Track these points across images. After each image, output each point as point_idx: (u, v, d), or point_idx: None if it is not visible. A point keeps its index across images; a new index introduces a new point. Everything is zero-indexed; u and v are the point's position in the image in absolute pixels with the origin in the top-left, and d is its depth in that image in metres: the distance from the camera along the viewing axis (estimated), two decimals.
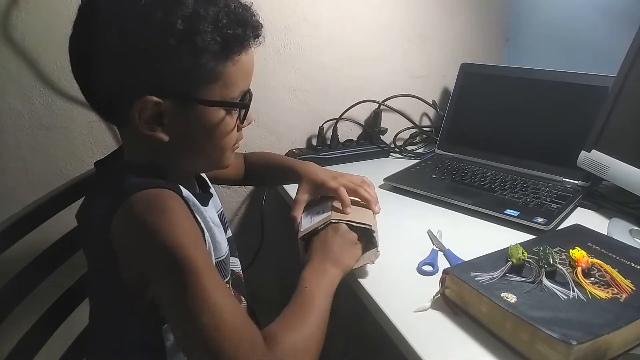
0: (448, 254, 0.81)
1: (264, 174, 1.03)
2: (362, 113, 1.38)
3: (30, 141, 1.06)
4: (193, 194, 0.67)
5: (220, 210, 0.83)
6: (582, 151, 0.99)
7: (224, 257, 0.71)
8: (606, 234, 0.87)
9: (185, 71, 0.58)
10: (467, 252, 0.79)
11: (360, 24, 1.31)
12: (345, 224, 0.77)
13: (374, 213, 0.84)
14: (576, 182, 1.06)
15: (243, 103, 0.65)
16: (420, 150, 1.39)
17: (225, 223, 0.84)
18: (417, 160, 1.27)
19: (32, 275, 0.74)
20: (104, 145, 1.13)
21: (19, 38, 0.99)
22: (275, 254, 1.38)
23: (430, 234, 0.89)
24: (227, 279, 0.72)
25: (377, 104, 1.36)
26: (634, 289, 0.63)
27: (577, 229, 0.83)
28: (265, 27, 0.64)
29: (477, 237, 0.89)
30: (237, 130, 0.68)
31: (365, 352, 1.20)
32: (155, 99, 0.58)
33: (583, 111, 1.07)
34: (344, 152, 1.28)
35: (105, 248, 0.58)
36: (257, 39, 0.64)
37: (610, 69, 0.99)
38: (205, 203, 0.71)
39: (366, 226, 0.77)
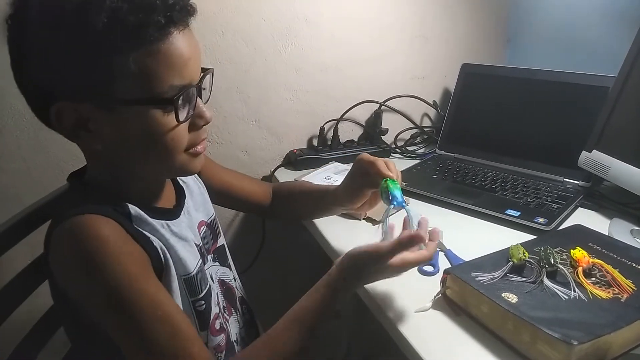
0: (449, 254, 0.81)
1: (296, 200, 0.94)
2: (363, 113, 1.38)
3: (31, 141, 1.06)
4: (151, 209, 0.64)
5: (211, 217, 0.81)
6: (583, 151, 0.99)
7: (193, 272, 0.66)
8: (607, 234, 0.87)
9: (90, 70, 0.53)
10: (468, 252, 0.79)
11: (361, 25, 1.31)
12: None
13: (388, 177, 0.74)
14: (577, 182, 1.06)
15: (166, 98, 0.56)
16: (421, 151, 1.39)
17: (217, 231, 0.82)
18: (418, 161, 1.27)
19: (32, 275, 0.74)
20: None
21: None
22: (275, 256, 1.38)
23: None
24: (203, 294, 0.68)
25: (378, 105, 1.36)
26: (635, 289, 0.63)
27: (578, 229, 0.83)
28: (265, 28, 0.61)
29: (478, 237, 0.89)
30: (190, 131, 0.61)
31: (367, 352, 1.20)
32: (67, 103, 0.55)
33: (584, 111, 1.07)
34: (344, 153, 1.28)
35: (48, 273, 0.60)
36: (179, 23, 0.55)
37: (610, 69, 0.99)
38: (172, 216, 0.68)
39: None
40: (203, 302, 0.68)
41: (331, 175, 1.03)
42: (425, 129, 1.44)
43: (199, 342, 0.58)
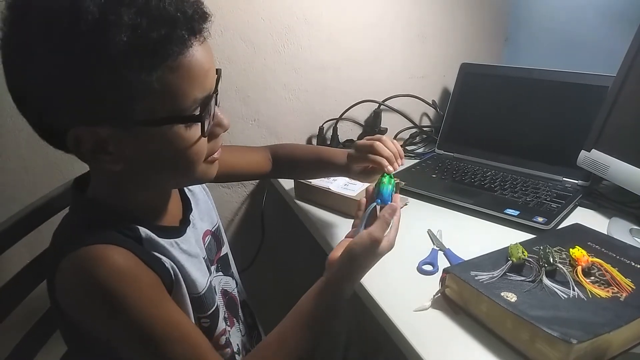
0: (448, 254, 0.81)
1: (296, 166, 0.96)
2: (362, 113, 1.38)
3: (30, 140, 1.06)
4: (159, 229, 0.62)
5: (216, 226, 0.80)
6: (582, 151, 0.99)
7: (202, 292, 0.66)
8: (606, 233, 0.87)
9: (109, 91, 0.49)
10: (467, 251, 0.79)
11: (360, 24, 1.31)
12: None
13: (387, 173, 0.76)
14: (576, 181, 1.06)
15: (193, 115, 0.54)
16: (420, 150, 1.39)
17: (221, 239, 0.81)
18: (417, 160, 1.27)
19: (31, 275, 0.74)
20: None
21: None
22: (275, 254, 1.38)
23: (430, 233, 0.89)
24: (210, 312, 0.68)
25: (377, 104, 1.36)
26: (634, 288, 0.63)
27: (577, 229, 0.83)
28: (264, 27, 0.60)
29: (477, 236, 0.89)
30: (209, 140, 0.59)
31: (366, 352, 1.20)
32: (87, 128, 0.51)
33: (583, 111, 1.07)
34: None
35: (49, 284, 0.58)
36: (198, 35, 0.53)
37: (609, 68, 0.99)
38: (179, 234, 0.66)
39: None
40: (208, 320, 0.68)
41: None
42: (425, 129, 1.44)
43: (214, 353, 0.59)
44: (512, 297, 0.61)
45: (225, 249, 0.82)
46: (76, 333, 0.60)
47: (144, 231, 0.59)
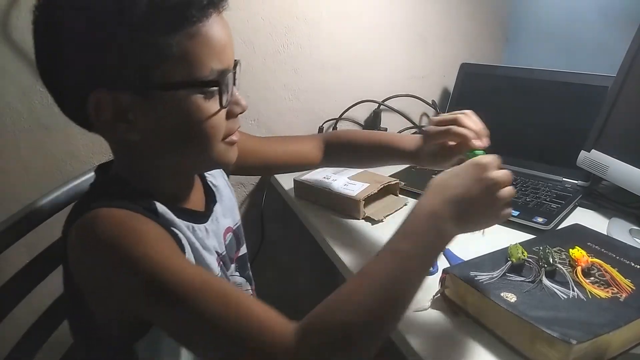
0: (447, 254, 0.81)
1: (356, 154, 0.91)
2: (362, 113, 1.38)
3: (30, 141, 1.06)
4: (178, 209, 0.61)
5: (237, 224, 0.78)
6: (582, 151, 0.99)
7: None
8: (606, 233, 0.87)
9: (129, 54, 0.50)
10: (467, 251, 0.78)
11: (360, 24, 1.31)
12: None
13: (473, 148, 0.68)
14: (576, 181, 1.06)
15: (210, 81, 0.54)
16: None
17: (241, 238, 0.80)
18: None
19: (31, 276, 0.74)
20: (103, 145, 1.11)
21: (19, 38, 0.99)
22: (275, 253, 1.38)
23: None
24: None
25: (377, 104, 1.36)
26: (633, 288, 0.63)
27: (577, 229, 0.83)
28: (264, 27, 0.60)
29: (477, 236, 0.88)
30: (227, 118, 0.59)
31: None
32: (106, 93, 0.52)
33: (583, 111, 1.07)
34: None
35: (63, 261, 0.56)
36: (218, 4, 0.55)
37: (610, 68, 0.99)
38: (201, 220, 0.66)
39: (392, 182, 0.94)
40: None
41: (330, 174, 1.03)
42: (424, 129, 1.44)
43: (253, 299, 0.52)
44: (511, 298, 0.61)
45: (244, 249, 0.81)
46: (87, 319, 0.56)
47: (160, 206, 0.59)
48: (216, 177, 0.76)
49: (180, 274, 0.49)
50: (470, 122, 0.71)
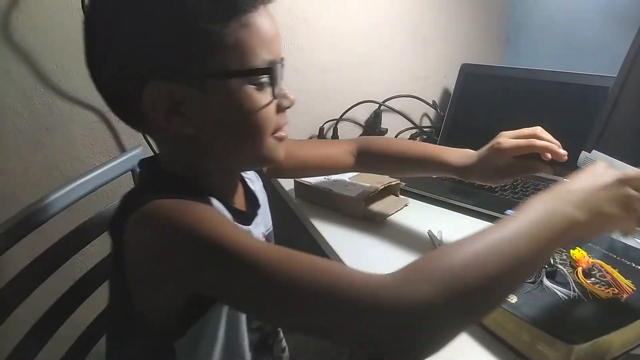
0: None
1: (390, 162, 0.90)
2: (363, 114, 1.38)
3: (30, 142, 1.06)
4: (230, 208, 0.61)
5: (269, 230, 0.78)
6: (583, 151, 0.99)
7: None
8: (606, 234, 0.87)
9: (185, 43, 0.51)
10: None
11: (360, 25, 1.31)
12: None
13: (561, 160, 0.73)
14: None
15: (264, 68, 0.55)
16: None
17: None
18: None
19: (31, 277, 0.74)
20: (104, 146, 1.13)
21: (19, 39, 0.99)
22: None
23: (430, 234, 0.89)
24: None
25: (378, 105, 1.36)
26: (634, 289, 0.63)
27: None
28: None
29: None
30: (277, 112, 0.60)
31: (366, 354, 1.20)
32: (165, 83, 0.53)
33: (583, 111, 1.07)
34: None
35: (115, 255, 0.54)
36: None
37: (610, 69, 0.99)
38: (246, 222, 0.65)
39: (392, 182, 0.97)
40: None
41: (330, 175, 1.03)
42: (425, 129, 1.44)
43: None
44: (512, 298, 0.61)
45: None
46: (130, 316, 0.55)
47: (216, 202, 0.59)
48: (254, 182, 0.76)
49: (251, 244, 0.47)
50: (548, 136, 0.75)
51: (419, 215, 0.97)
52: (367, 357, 0.52)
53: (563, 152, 0.73)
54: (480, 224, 0.93)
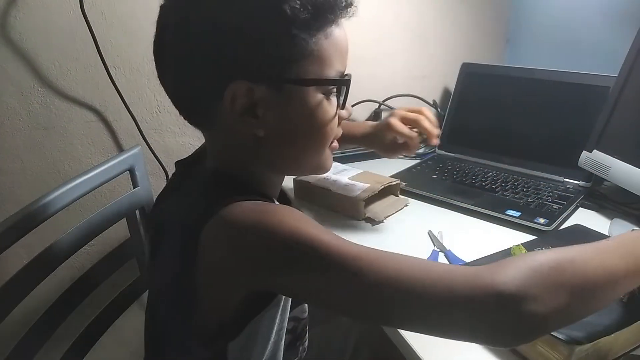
0: (449, 255, 0.81)
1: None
2: (363, 113, 1.38)
3: (28, 141, 1.05)
4: None
5: None
6: (584, 151, 0.99)
7: None
8: (607, 234, 0.86)
9: (275, 46, 0.52)
10: (469, 253, 0.78)
11: (360, 24, 1.30)
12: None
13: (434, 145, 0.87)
14: (577, 182, 1.05)
15: (343, 79, 0.59)
16: (421, 151, 1.38)
17: None
18: (418, 161, 1.26)
19: (30, 277, 0.73)
20: (102, 145, 1.13)
21: (17, 38, 0.98)
22: None
23: (431, 234, 0.88)
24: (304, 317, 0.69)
25: (378, 104, 1.35)
26: (636, 289, 0.63)
27: (579, 230, 0.83)
28: None
29: (479, 237, 0.88)
30: (338, 124, 0.62)
31: (366, 354, 1.20)
32: (247, 83, 0.53)
33: (584, 111, 1.07)
34: (344, 152, 1.28)
35: (183, 257, 0.53)
36: (349, 9, 0.57)
37: (611, 69, 0.99)
38: None
39: (392, 182, 0.98)
40: (293, 323, 0.69)
41: (330, 175, 1.02)
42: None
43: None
44: None
45: None
46: (189, 318, 0.54)
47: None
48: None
49: (332, 241, 0.47)
50: (431, 117, 0.88)
51: (419, 215, 0.97)
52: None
53: (436, 140, 0.88)
54: (480, 224, 0.93)
